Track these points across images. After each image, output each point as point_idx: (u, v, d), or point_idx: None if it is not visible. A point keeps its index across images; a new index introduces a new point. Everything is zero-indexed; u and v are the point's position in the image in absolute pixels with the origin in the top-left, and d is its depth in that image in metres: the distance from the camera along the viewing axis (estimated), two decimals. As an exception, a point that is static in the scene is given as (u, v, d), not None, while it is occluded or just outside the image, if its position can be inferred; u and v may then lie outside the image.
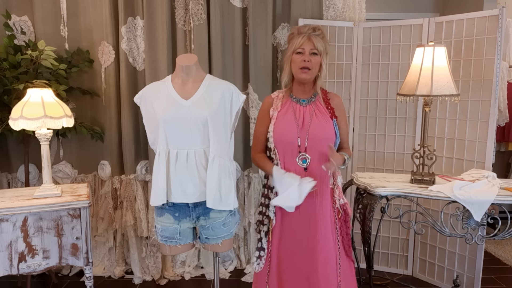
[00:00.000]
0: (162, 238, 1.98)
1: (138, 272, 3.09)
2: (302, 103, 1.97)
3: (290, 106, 1.97)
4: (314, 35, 1.88)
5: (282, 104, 1.98)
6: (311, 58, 1.88)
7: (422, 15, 3.70)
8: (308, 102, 1.97)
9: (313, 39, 1.88)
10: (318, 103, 1.97)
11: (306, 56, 1.87)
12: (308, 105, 1.96)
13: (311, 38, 1.88)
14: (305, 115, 1.94)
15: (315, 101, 1.98)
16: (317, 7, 3.07)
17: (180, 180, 1.87)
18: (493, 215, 2.22)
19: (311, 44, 1.88)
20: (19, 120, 2.13)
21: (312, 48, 1.88)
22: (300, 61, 1.88)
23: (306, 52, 1.88)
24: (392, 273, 3.18)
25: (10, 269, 2.13)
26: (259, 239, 2.02)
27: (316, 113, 1.94)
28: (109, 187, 3.08)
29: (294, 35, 1.93)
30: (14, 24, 2.93)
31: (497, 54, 2.59)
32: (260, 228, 2.02)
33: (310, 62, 1.88)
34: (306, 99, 1.98)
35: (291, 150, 1.91)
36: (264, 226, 2.00)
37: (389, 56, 3.03)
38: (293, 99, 1.98)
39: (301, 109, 1.95)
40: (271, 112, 1.98)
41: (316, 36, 1.89)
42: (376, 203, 2.34)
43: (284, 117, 1.94)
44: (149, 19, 2.90)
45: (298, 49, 1.89)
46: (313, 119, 1.92)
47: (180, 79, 1.95)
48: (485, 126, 2.68)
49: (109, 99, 3.01)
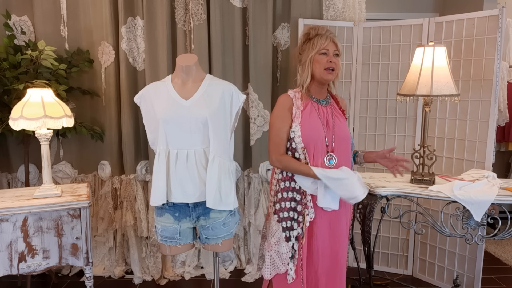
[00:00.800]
0: (162, 238, 1.98)
1: (138, 272, 3.09)
2: (322, 103, 1.97)
3: (312, 106, 1.94)
4: (333, 36, 1.92)
5: (304, 103, 1.94)
6: (335, 60, 1.90)
7: (422, 15, 3.70)
8: (326, 103, 1.99)
9: (336, 41, 1.92)
10: (334, 104, 2.01)
11: (331, 57, 1.89)
12: (327, 106, 1.98)
13: (333, 40, 1.91)
14: (328, 115, 1.95)
15: (331, 102, 2.01)
16: (317, 7, 3.07)
17: (180, 180, 1.87)
18: (493, 215, 2.22)
19: (334, 46, 1.91)
20: (19, 120, 2.13)
21: (335, 50, 1.91)
22: (325, 62, 1.88)
23: (330, 53, 1.89)
24: (392, 273, 3.18)
25: (10, 269, 2.13)
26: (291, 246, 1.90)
27: (335, 114, 1.97)
28: (109, 187, 3.08)
29: (311, 35, 1.92)
30: (14, 24, 2.93)
31: (497, 54, 2.59)
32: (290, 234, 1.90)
33: (334, 63, 1.90)
34: (324, 100, 1.99)
35: (320, 149, 1.89)
36: (294, 231, 1.90)
37: (389, 56, 3.03)
38: (314, 99, 1.96)
39: (323, 109, 1.95)
40: (294, 111, 1.92)
41: (335, 38, 1.93)
42: (376, 203, 2.34)
43: (310, 117, 1.91)
44: (149, 19, 2.90)
45: (323, 50, 1.89)
46: (335, 119, 1.95)
47: (180, 79, 1.95)
48: (485, 126, 2.68)
49: (109, 99, 3.01)
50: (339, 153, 1.92)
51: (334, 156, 1.90)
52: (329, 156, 1.90)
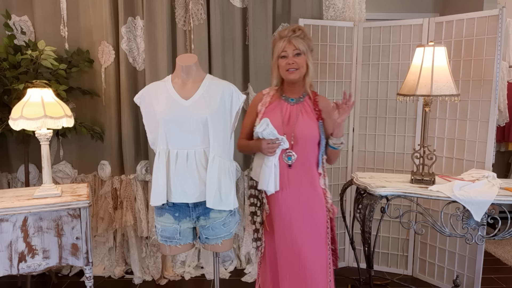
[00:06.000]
0: (162, 238, 1.98)
1: (138, 272, 3.09)
2: (291, 101, 2.04)
3: (278, 104, 2.04)
4: (294, 37, 1.96)
5: (271, 100, 2.06)
6: (296, 60, 1.96)
7: (422, 15, 3.70)
8: (296, 102, 2.04)
9: (293, 42, 1.96)
10: (306, 103, 2.05)
11: (290, 59, 1.96)
12: (296, 104, 2.04)
13: (291, 41, 1.96)
14: (292, 113, 2.01)
15: (303, 101, 2.05)
16: (317, 7, 3.07)
17: (180, 180, 1.87)
18: (493, 215, 2.22)
19: (292, 46, 1.96)
20: (19, 120, 2.13)
21: (294, 50, 1.96)
22: (285, 65, 1.97)
23: (289, 55, 1.97)
24: (392, 273, 3.18)
25: (10, 269, 2.13)
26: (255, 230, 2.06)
27: (302, 112, 2.01)
28: (109, 187, 3.08)
29: (276, 40, 2.02)
30: (14, 24, 2.93)
31: (497, 54, 2.59)
32: (255, 219, 2.05)
33: (295, 63, 1.96)
34: (295, 98, 2.05)
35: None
36: (258, 217, 2.04)
37: (389, 56, 3.03)
38: (283, 97, 2.06)
39: (289, 107, 2.03)
40: (259, 107, 2.06)
41: (297, 38, 1.96)
42: (376, 203, 2.34)
43: (271, 113, 2.01)
44: (149, 19, 2.90)
45: (282, 54, 1.97)
46: (299, 118, 1.99)
47: (180, 79, 1.95)
48: (485, 126, 2.68)
49: (109, 99, 3.01)
50: (299, 151, 1.97)
51: (293, 153, 1.96)
52: (288, 153, 1.96)
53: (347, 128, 3.17)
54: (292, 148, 1.96)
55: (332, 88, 3.09)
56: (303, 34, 1.97)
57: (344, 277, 3.05)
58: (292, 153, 1.96)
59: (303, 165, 1.98)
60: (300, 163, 1.97)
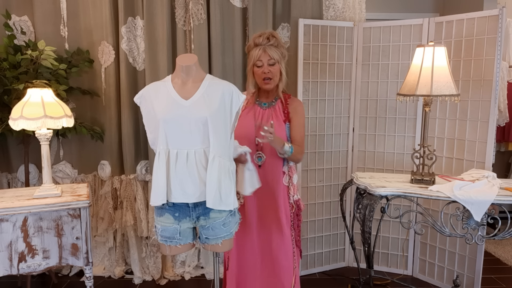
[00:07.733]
0: (162, 238, 1.98)
1: (138, 272, 3.10)
2: (263, 106, 2.20)
3: (252, 108, 2.19)
4: (268, 45, 2.05)
5: (246, 105, 2.19)
6: (270, 69, 2.08)
7: (422, 15, 3.70)
8: (268, 106, 2.19)
9: (268, 51, 2.04)
10: (277, 107, 2.19)
11: (265, 68, 2.07)
12: (268, 108, 2.19)
13: (266, 50, 2.04)
14: (264, 117, 2.16)
15: (275, 105, 2.19)
16: (317, 7, 3.07)
17: (180, 180, 1.86)
18: (493, 215, 2.22)
19: (267, 56, 2.04)
20: (19, 120, 2.13)
21: (269, 59, 2.05)
22: (261, 73, 2.09)
23: (264, 64, 2.05)
24: (392, 273, 3.18)
25: (10, 269, 2.13)
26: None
27: (273, 116, 2.16)
28: (109, 187, 3.08)
29: (251, 47, 2.10)
30: (14, 24, 2.93)
31: (497, 54, 2.59)
32: None
33: (270, 72, 2.08)
34: (267, 103, 2.20)
35: (252, 147, 2.07)
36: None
37: (389, 56, 3.03)
38: (256, 102, 2.21)
39: (261, 111, 2.18)
40: None
41: (271, 46, 2.05)
42: (376, 203, 2.34)
43: (245, 117, 2.16)
44: (149, 19, 2.90)
45: (257, 62, 2.06)
46: (268, 121, 2.09)
47: (180, 79, 1.95)
48: (485, 126, 2.68)
49: (109, 99, 3.01)
50: (268, 152, 2.13)
51: (262, 154, 2.13)
52: (258, 154, 2.14)
53: (347, 128, 3.17)
54: (262, 150, 2.12)
55: (332, 88, 3.09)
56: (276, 42, 2.07)
57: (344, 277, 3.05)
58: (262, 154, 2.13)
59: (270, 165, 2.15)
60: (269, 163, 2.14)
